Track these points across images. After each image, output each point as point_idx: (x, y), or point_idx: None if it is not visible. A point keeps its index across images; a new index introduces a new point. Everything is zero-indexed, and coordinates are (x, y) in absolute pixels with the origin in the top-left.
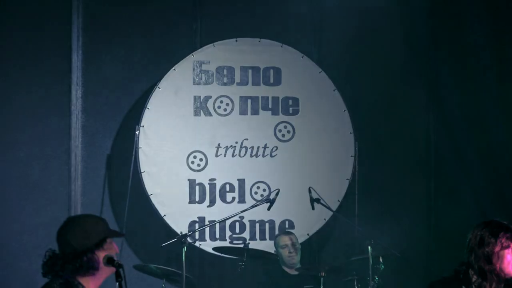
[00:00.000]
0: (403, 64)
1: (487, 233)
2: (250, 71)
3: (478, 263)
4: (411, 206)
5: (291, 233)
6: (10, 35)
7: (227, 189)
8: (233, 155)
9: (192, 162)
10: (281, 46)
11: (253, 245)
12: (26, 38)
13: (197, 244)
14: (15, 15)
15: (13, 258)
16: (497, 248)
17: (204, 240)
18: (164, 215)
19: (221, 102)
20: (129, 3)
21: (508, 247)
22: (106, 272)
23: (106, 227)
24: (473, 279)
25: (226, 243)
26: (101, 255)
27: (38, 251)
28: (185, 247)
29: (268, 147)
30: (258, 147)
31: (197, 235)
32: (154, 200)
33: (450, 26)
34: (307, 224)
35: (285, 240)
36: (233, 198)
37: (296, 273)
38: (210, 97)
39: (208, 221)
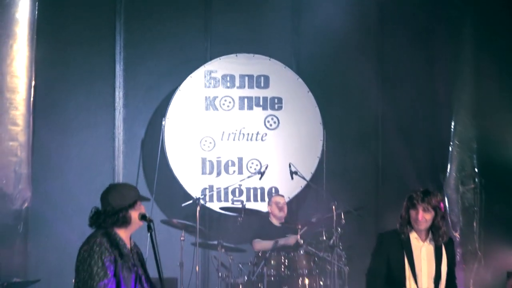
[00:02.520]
0: (361, 69)
1: (407, 196)
2: (246, 77)
3: (402, 215)
4: (364, 173)
5: (283, 196)
6: (71, 51)
7: (230, 164)
8: (234, 139)
9: (204, 145)
10: (269, 59)
11: (248, 205)
12: (82, 53)
13: (207, 204)
14: (73, 35)
15: (71, 216)
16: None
17: (213, 201)
18: (183, 183)
19: (225, 100)
20: (157, 29)
21: (411, 206)
22: (135, 225)
23: (138, 193)
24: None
25: (228, 204)
26: (132, 213)
27: (89, 210)
28: (199, 207)
29: (259, 134)
30: (252, 134)
31: (207, 198)
32: (176, 172)
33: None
34: (288, 190)
35: (280, 199)
36: (234, 171)
37: (280, 225)
38: (217, 96)
39: (216, 188)
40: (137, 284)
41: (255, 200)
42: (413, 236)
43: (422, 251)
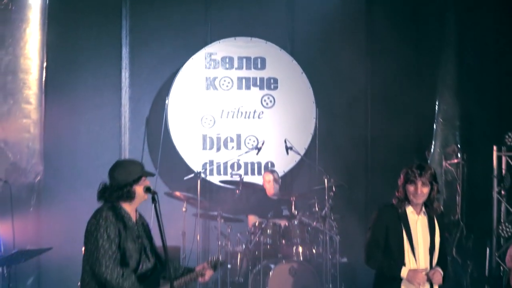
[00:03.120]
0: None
1: (403, 171)
2: (244, 59)
3: (399, 190)
4: (354, 149)
5: (274, 171)
6: (80, 35)
7: (228, 140)
8: (232, 117)
9: (204, 122)
10: (266, 42)
11: (246, 178)
12: (91, 36)
13: (208, 178)
14: (82, 20)
15: (80, 188)
16: (402, 183)
17: (213, 175)
18: (185, 158)
19: (225, 81)
20: (161, 14)
21: (409, 182)
22: (140, 199)
23: (143, 168)
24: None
25: (227, 177)
26: (136, 188)
27: (98, 185)
28: (200, 180)
29: (256, 112)
30: (250, 112)
31: (208, 171)
32: (178, 148)
33: None
34: (283, 164)
35: (267, 176)
36: (233, 147)
37: (275, 197)
38: (217, 77)
39: (216, 162)
40: (142, 254)
41: (252, 173)
42: (409, 210)
43: (418, 224)
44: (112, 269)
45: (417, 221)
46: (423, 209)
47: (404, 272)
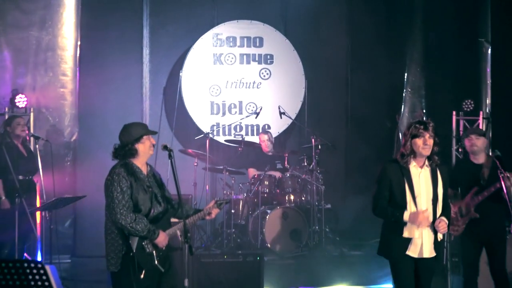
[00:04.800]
0: (335, 32)
1: (410, 128)
2: (245, 39)
3: (405, 146)
4: (336, 114)
5: (268, 132)
6: (109, 18)
7: (232, 106)
8: (235, 87)
9: (212, 91)
10: (263, 24)
11: (247, 138)
12: (117, 19)
13: (215, 138)
14: (110, 5)
15: (109, 146)
16: (408, 138)
17: (219, 135)
18: (196, 121)
19: (229, 56)
20: (176, 1)
21: (416, 135)
22: (145, 155)
23: (145, 129)
24: (404, 157)
25: (231, 137)
26: (138, 146)
27: None
28: (208, 139)
29: (255, 83)
30: (250, 83)
31: (215, 132)
32: (190, 112)
33: None
34: (277, 126)
35: (261, 136)
36: (235, 112)
37: (270, 154)
38: (222, 53)
39: (221, 125)
40: (153, 200)
41: (252, 134)
42: (413, 164)
43: (421, 176)
44: (125, 215)
45: (420, 174)
46: (426, 162)
47: (406, 216)
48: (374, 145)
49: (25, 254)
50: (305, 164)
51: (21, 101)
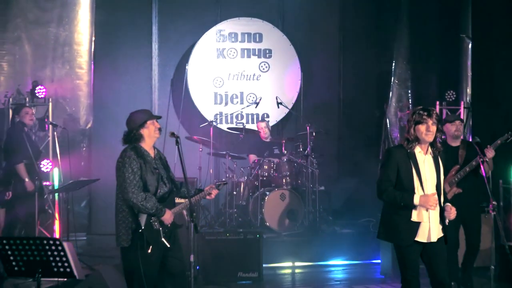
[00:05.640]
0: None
1: (414, 114)
2: (246, 34)
3: (409, 132)
4: (330, 104)
5: (265, 120)
6: (121, 15)
7: (234, 97)
8: (237, 79)
9: (215, 83)
10: (262, 21)
11: (247, 126)
12: (128, 17)
13: (218, 125)
14: (122, 4)
15: (121, 133)
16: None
17: (222, 123)
18: (201, 110)
19: (231, 51)
20: (182, 0)
21: (420, 122)
22: (151, 139)
23: (148, 115)
24: (409, 143)
25: (233, 125)
26: (143, 131)
27: None
28: (212, 127)
29: (255, 75)
30: (250, 75)
31: (218, 120)
32: (196, 102)
33: None
34: (275, 115)
35: (259, 124)
36: (237, 102)
37: (268, 140)
38: (225, 48)
39: (224, 114)
40: (159, 181)
41: (252, 122)
42: (417, 150)
43: (425, 163)
44: (137, 194)
45: (424, 160)
46: (429, 149)
47: (416, 199)
48: (363, 132)
49: (43, 231)
50: (301, 149)
51: (40, 92)
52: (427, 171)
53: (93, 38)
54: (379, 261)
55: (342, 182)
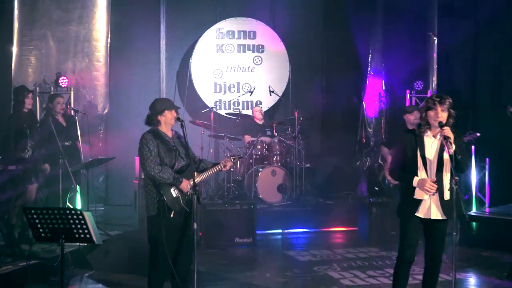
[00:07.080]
0: (314, 28)
1: (427, 100)
2: (242, 32)
3: (421, 117)
4: (315, 92)
5: (259, 106)
6: (133, 15)
7: (231, 86)
8: (234, 71)
9: (215, 74)
10: (256, 21)
11: (243, 111)
12: (139, 16)
13: (218, 111)
14: (134, 5)
15: (134, 118)
16: (425, 110)
17: (221, 109)
18: (203, 98)
19: (229, 46)
20: (187, 1)
21: (431, 108)
22: (168, 124)
23: (168, 104)
24: (421, 127)
25: (231, 111)
26: (160, 117)
27: (145, 116)
28: (212, 112)
29: (250, 67)
30: (245, 67)
31: (218, 107)
32: (199, 91)
33: None
34: (268, 102)
35: (255, 109)
36: (234, 90)
37: (261, 123)
38: (224, 44)
39: (223, 101)
40: (177, 157)
41: (247, 108)
42: (427, 134)
43: (433, 145)
44: (153, 167)
45: (433, 144)
46: (439, 135)
47: (415, 181)
48: (344, 117)
49: (67, 203)
50: (289, 132)
51: (63, 82)
52: (433, 154)
53: (109, 35)
54: (356, 228)
55: (325, 160)
